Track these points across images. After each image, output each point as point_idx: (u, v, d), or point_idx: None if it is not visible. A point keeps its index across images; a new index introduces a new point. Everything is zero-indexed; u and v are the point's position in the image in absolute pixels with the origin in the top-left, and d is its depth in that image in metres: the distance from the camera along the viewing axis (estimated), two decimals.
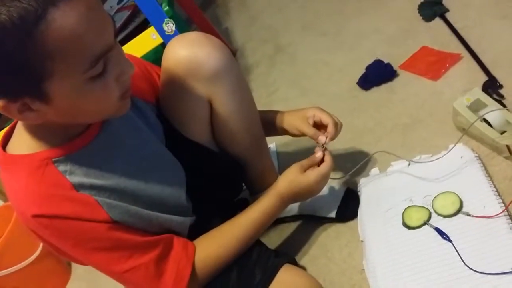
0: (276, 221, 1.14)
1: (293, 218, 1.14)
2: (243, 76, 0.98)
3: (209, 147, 0.98)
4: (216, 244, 0.91)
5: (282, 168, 1.08)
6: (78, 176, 0.76)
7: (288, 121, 1.06)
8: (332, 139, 1.01)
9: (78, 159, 0.77)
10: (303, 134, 1.04)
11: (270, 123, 1.08)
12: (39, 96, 0.67)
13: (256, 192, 1.12)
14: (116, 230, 0.78)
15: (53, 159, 0.75)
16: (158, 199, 0.85)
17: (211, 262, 0.89)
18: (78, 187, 0.76)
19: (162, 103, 0.96)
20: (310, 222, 1.12)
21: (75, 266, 1.44)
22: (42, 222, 0.73)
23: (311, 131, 1.01)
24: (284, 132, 1.09)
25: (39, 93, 0.66)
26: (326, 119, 1.00)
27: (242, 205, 1.12)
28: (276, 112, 1.10)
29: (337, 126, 1.01)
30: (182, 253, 0.86)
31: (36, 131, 0.76)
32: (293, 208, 1.12)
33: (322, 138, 0.99)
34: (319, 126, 1.02)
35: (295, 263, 1.00)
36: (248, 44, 1.99)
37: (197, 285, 0.87)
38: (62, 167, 0.75)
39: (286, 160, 1.31)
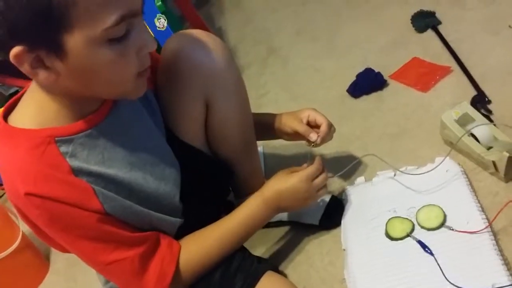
0: None
1: (277, 224, 1.13)
2: (242, 79, 0.97)
3: (200, 149, 0.97)
4: (200, 246, 0.90)
5: (269, 172, 1.08)
6: (78, 161, 0.74)
7: (282, 121, 1.07)
8: (324, 139, 1.01)
9: (82, 142, 0.75)
10: (296, 134, 1.04)
11: (263, 125, 1.08)
12: (55, 49, 0.64)
13: (241, 195, 1.11)
14: (106, 222, 0.76)
15: (56, 138, 0.72)
16: (153, 196, 0.84)
17: (194, 263, 0.88)
18: (77, 171, 0.74)
19: (156, 97, 0.94)
20: (294, 228, 1.12)
21: (53, 260, 1.41)
22: (34, 201, 0.70)
23: (303, 128, 1.02)
24: (278, 133, 1.09)
25: (56, 46, 0.64)
26: (320, 119, 1.02)
27: (227, 208, 1.12)
28: (270, 114, 1.10)
29: (330, 128, 1.02)
30: (167, 251, 0.84)
31: (43, 106, 0.73)
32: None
33: (313, 136, 1.00)
34: (313, 126, 1.03)
35: (277, 270, 0.99)
36: (240, 44, 1.98)
37: (179, 285, 0.86)
38: (64, 148, 0.73)
39: (273, 164, 1.30)
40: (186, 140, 0.94)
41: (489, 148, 1.02)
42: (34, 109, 0.74)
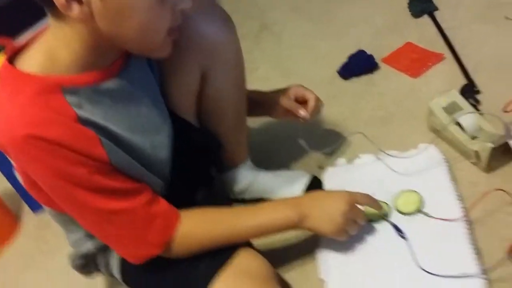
0: (235, 200, 1.13)
1: (255, 201, 1.12)
2: (242, 54, 0.94)
3: (190, 122, 0.95)
4: (209, 226, 0.86)
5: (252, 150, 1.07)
6: (85, 112, 0.71)
7: (270, 98, 1.05)
8: (312, 115, 1.00)
9: (88, 95, 0.72)
10: (284, 112, 1.03)
11: (252, 102, 1.06)
12: None
13: (224, 169, 1.10)
14: (110, 172, 0.74)
15: (63, 87, 0.70)
16: (148, 162, 0.81)
17: (195, 238, 0.84)
18: (83, 121, 0.71)
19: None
20: None
21: (24, 222, 1.39)
22: (34, 143, 0.67)
23: (291, 104, 1.01)
24: (266, 110, 1.07)
25: None
26: (308, 95, 1.01)
27: (208, 182, 1.11)
28: (258, 91, 1.09)
29: (318, 103, 1.01)
30: (170, 206, 0.82)
31: (54, 53, 0.70)
32: (256, 189, 1.11)
33: (302, 111, 1.00)
34: (301, 103, 1.02)
35: (251, 246, 0.98)
36: (233, 17, 1.92)
37: (171, 252, 0.83)
38: (70, 98, 0.70)
39: (257, 143, 1.29)
40: (177, 111, 0.92)
41: (473, 137, 1.01)
42: (44, 56, 0.71)
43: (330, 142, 1.14)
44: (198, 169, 1.03)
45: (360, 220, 0.89)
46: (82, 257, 0.93)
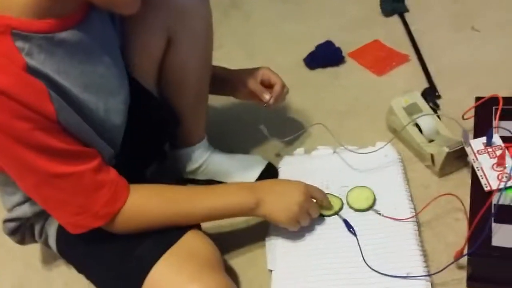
0: (188, 180, 1.09)
1: (207, 182, 1.09)
2: (212, 24, 0.91)
3: (149, 91, 0.91)
4: (162, 203, 0.82)
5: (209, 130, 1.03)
6: (34, 61, 0.65)
7: (236, 76, 1.02)
8: (277, 101, 0.99)
9: (40, 43, 0.66)
10: (248, 93, 1.00)
11: (215, 78, 1.02)
12: None
13: (177, 146, 1.07)
14: (57, 131, 0.68)
15: (13, 31, 0.63)
16: (99, 125, 0.76)
17: (145, 215, 0.80)
18: (32, 71, 0.65)
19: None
20: None
21: None
22: None
23: (257, 86, 0.99)
24: (229, 89, 1.05)
25: None
26: (274, 79, 0.99)
27: (160, 158, 1.07)
28: (224, 67, 1.06)
29: (284, 89, 1.00)
30: (120, 178, 0.78)
31: None
32: (209, 171, 1.08)
33: (266, 96, 0.98)
34: (266, 87, 1.00)
35: (199, 228, 0.95)
36: None
37: (117, 226, 0.78)
38: (20, 43, 0.64)
39: (215, 122, 1.25)
40: (137, 77, 0.87)
41: (430, 141, 1.02)
42: None
43: (290, 131, 1.12)
44: (151, 142, 0.99)
45: (314, 213, 0.89)
46: (15, 220, 0.87)
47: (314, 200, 0.89)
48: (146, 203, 0.81)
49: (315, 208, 0.89)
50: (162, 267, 0.77)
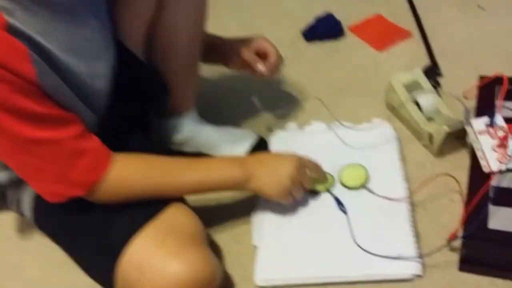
0: (174, 152, 1.05)
1: (195, 155, 1.04)
2: None
3: (137, 56, 0.86)
4: (147, 172, 0.78)
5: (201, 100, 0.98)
6: (17, 20, 0.61)
7: (230, 45, 0.98)
8: (271, 72, 0.94)
9: (26, 3, 0.62)
10: (241, 63, 0.96)
11: (210, 46, 0.98)
12: None
13: (165, 115, 1.02)
14: (35, 94, 0.64)
15: None
16: (82, 90, 0.72)
17: (129, 184, 0.76)
18: (13, 30, 0.61)
19: None
20: None
21: None
22: None
23: (250, 56, 0.95)
24: (222, 58, 1.00)
25: None
26: (269, 49, 0.95)
27: (144, 128, 1.02)
28: (219, 36, 1.01)
29: (279, 60, 0.96)
30: (103, 146, 0.73)
31: None
32: (197, 143, 1.03)
33: (260, 66, 0.94)
34: (261, 57, 0.96)
35: (184, 201, 0.91)
36: None
37: (99, 195, 0.74)
38: (3, 2, 0.60)
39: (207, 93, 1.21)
40: (124, 41, 0.82)
41: (429, 119, 0.97)
42: None
43: (283, 104, 1.08)
44: (137, 110, 0.95)
45: (307, 185, 0.85)
46: None
47: (308, 172, 0.85)
48: (129, 172, 0.77)
49: (308, 180, 0.85)
50: (142, 241, 0.74)
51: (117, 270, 0.73)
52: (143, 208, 0.77)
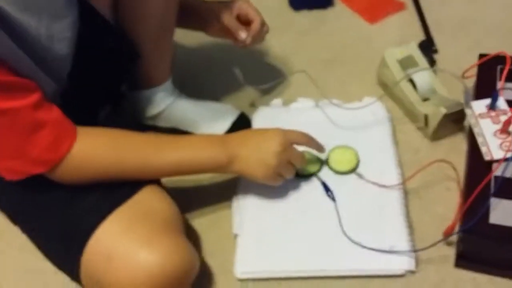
0: (148, 127, 0.96)
1: (171, 130, 0.96)
2: None
3: (104, 17, 0.77)
4: (119, 150, 0.70)
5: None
6: None
7: (209, 8, 0.89)
8: (255, 39, 0.86)
9: None
10: (222, 29, 0.88)
11: (187, 10, 0.89)
12: None
13: (137, 86, 0.93)
14: None
15: None
16: (40, 58, 0.63)
17: (95, 163, 0.68)
18: None
19: None
20: None
21: None
22: None
23: (232, 22, 0.86)
24: (200, 23, 0.92)
25: None
26: (252, 15, 0.87)
27: (116, 100, 0.94)
28: None
29: (263, 27, 0.88)
30: (66, 120, 0.65)
31: None
32: (173, 117, 0.95)
33: (242, 34, 0.86)
34: (243, 23, 0.89)
35: (159, 183, 0.83)
36: None
37: (63, 172, 0.66)
38: None
39: (184, 62, 1.11)
40: (93, 2, 0.73)
41: (425, 99, 0.90)
42: None
43: (268, 78, 1.00)
44: (105, 79, 0.86)
45: (297, 162, 0.77)
46: None
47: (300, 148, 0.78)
48: (97, 149, 0.69)
49: (298, 157, 0.77)
50: (109, 227, 0.66)
51: (82, 259, 0.66)
52: (113, 190, 0.70)
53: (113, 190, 0.69)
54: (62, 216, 0.70)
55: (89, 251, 0.66)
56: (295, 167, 0.78)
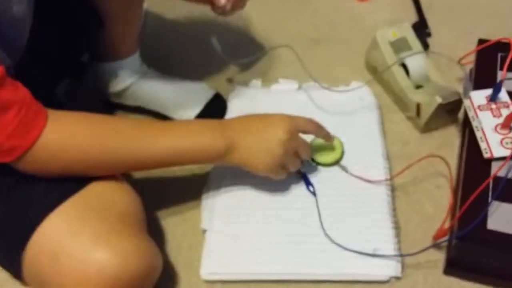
0: (113, 105, 0.86)
1: (139, 110, 0.87)
2: None
3: None
4: (94, 134, 0.61)
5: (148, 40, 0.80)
6: None
7: None
8: (235, 6, 0.75)
9: None
10: None
11: None
12: None
13: (100, 58, 0.84)
14: None
15: None
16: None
17: (67, 148, 0.59)
18: None
19: None
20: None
21: None
22: None
23: None
24: None
25: None
26: None
27: (77, 71, 0.84)
28: None
29: None
30: (32, 100, 0.56)
31: None
32: (140, 95, 0.85)
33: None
34: None
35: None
36: None
37: (29, 162, 0.57)
38: None
39: (158, 31, 1.01)
40: None
41: (417, 87, 0.83)
42: None
43: (248, 52, 0.90)
44: (64, 48, 0.77)
45: (304, 153, 0.69)
46: None
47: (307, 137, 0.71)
48: (72, 136, 0.59)
49: (305, 147, 0.69)
50: (57, 220, 0.58)
51: (24, 256, 0.58)
52: (67, 180, 0.60)
53: (67, 180, 0.60)
54: (2, 206, 0.61)
55: (32, 248, 0.57)
56: (303, 158, 0.70)
